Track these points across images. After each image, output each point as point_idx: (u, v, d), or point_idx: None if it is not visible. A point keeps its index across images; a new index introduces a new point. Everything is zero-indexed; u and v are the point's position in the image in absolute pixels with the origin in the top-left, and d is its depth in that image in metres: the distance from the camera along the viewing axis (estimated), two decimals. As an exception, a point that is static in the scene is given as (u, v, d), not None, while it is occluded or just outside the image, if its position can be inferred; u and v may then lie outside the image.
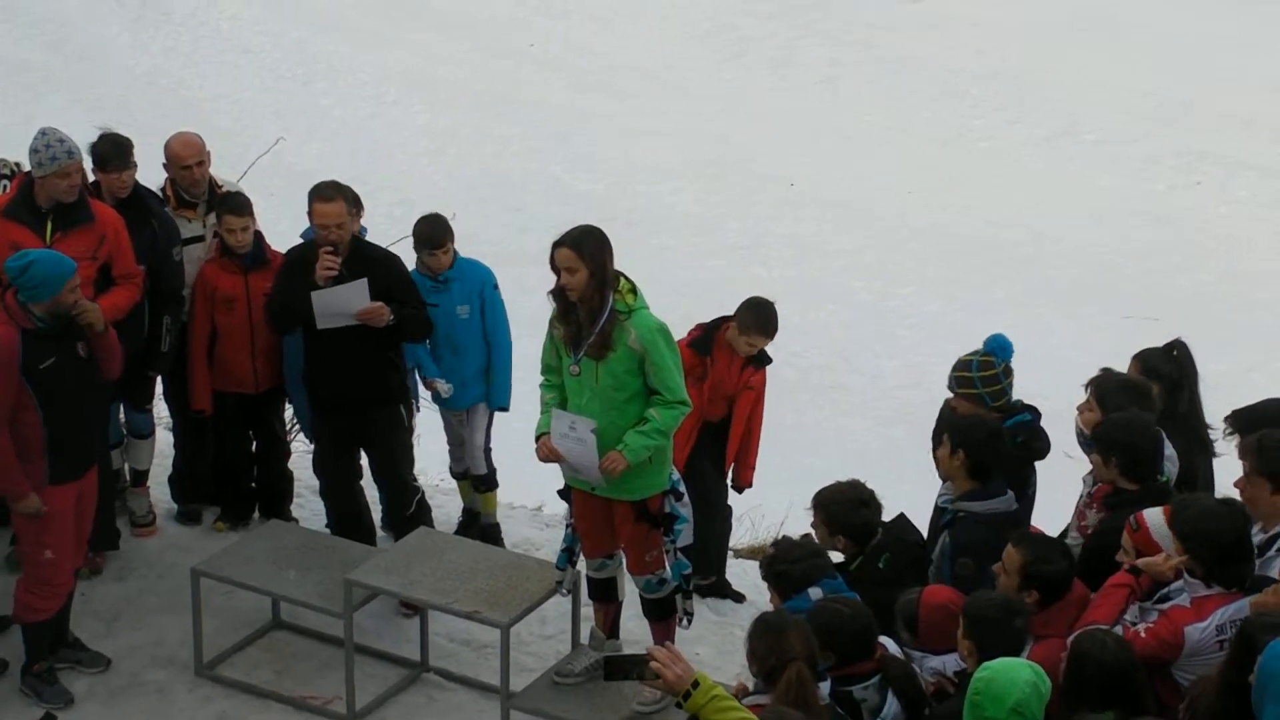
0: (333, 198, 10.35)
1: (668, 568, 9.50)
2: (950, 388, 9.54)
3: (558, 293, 9.21)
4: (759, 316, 10.75)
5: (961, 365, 9.51)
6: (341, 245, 10.37)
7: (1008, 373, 9.53)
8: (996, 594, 7.87)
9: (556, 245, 9.15)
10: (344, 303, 10.31)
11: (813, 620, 7.72)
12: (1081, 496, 8.87)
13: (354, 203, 10.82)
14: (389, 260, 10.63)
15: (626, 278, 9.20)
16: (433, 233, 11.00)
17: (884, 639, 7.96)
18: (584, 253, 9.08)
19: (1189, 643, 7.68)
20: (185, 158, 10.99)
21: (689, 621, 9.67)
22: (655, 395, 9.17)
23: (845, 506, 8.91)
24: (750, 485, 11.14)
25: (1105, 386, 9.01)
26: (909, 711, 7.68)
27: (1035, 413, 9.44)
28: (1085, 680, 7.20)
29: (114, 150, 10.60)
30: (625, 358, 9.10)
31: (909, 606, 8.12)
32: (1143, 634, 7.70)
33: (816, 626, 7.64)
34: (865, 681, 7.66)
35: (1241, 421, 8.80)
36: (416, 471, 11.27)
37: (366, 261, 10.44)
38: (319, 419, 10.82)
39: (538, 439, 9.35)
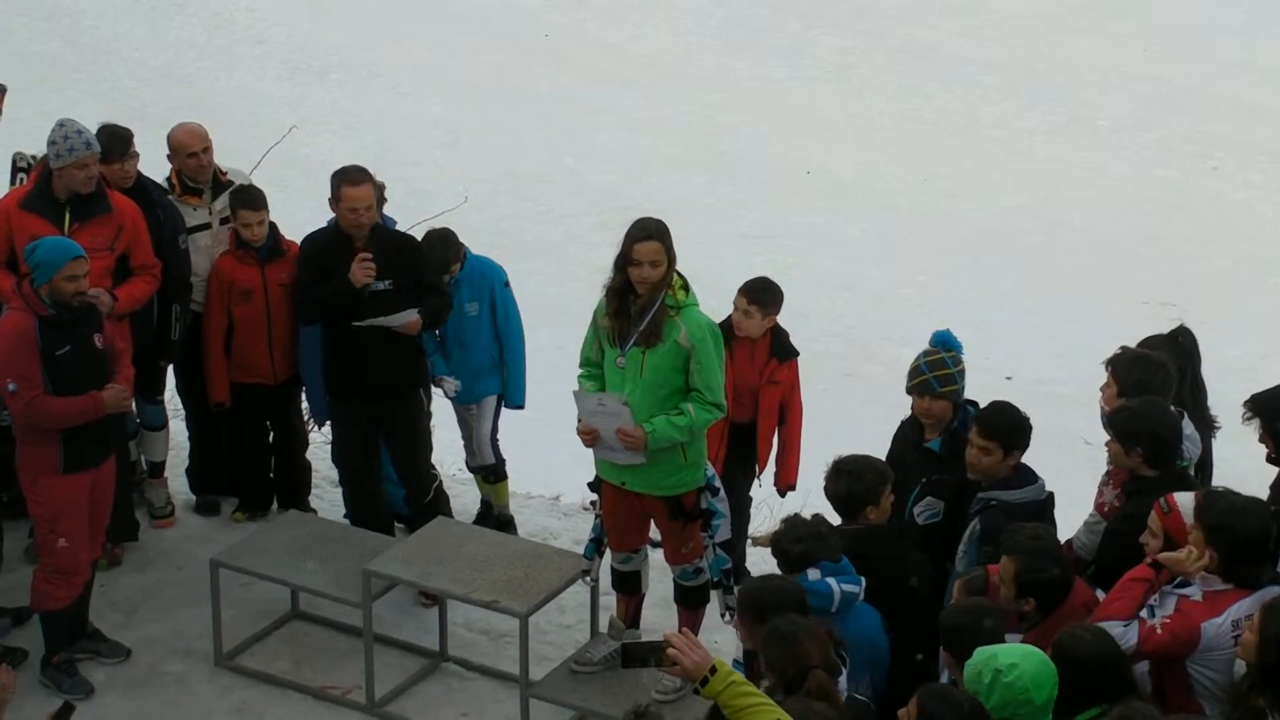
0: (360, 181, 10.36)
1: (704, 559, 9.50)
2: (927, 391, 9.31)
3: (619, 287, 9.12)
4: (754, 282, 10.56)
5: (935, 365, 9.35)
6: (366, 230, 10.39)
7: (964, 367, 9.51)
8: (962, 600, 7.90)
9: (643, 238, 9.02)
10: (390, 323, 10.38)
11: (746, 597, 7.95)
12: (1103, 476, 8.89)
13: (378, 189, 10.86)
14: (408, 244, 10.65)
15: (679, 273, 9.16)
16: (445, 259, 10.95)
17: None
18: (668, 245, 9.06)
19: (1205, 638, 7.68)
20: (191, 145, 11.03)
21: (732, 616, 9.65)
22: (695, 393, 9.16)
23: (829, 476, 8.96)
24: (793, 487, 10.89)
25: (1122, 362, 9.04)
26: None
27: (977, 407, 9.40)
28: (1072, 679, 7.17)
29: (114, 141, 10.62)
30: (672, 353, 9.07)
31: (976, 582, 8.12)
32: (1159, 630, 7.70)
33: (750, 602, 7.87)
34: None
35: (1260, 405, 8.81)
36: (435, 461, 11.29)
37: (390, 248, 10.45)
38: (337, 405, 10.82)
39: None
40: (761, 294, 10.53)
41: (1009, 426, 8.90)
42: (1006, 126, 22.32)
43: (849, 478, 8.94)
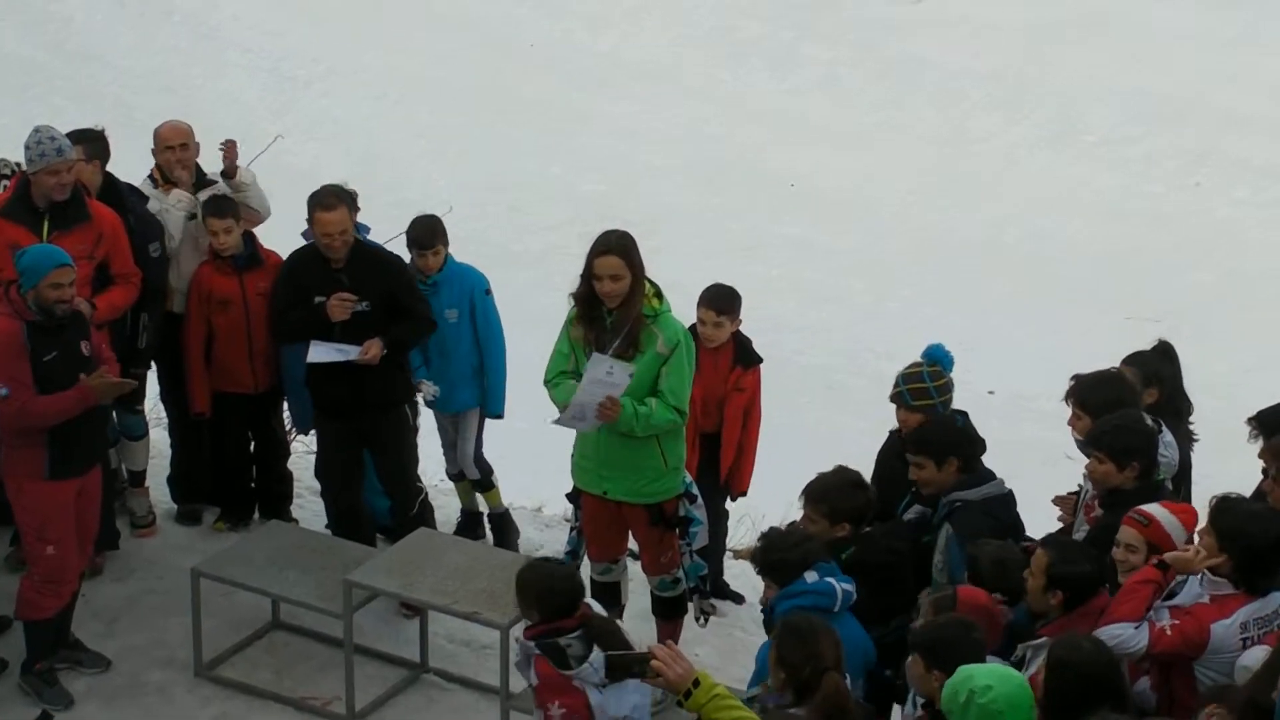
0: (334, 206, 10.32)
1: (682, 568, 9.53)
2: (901, 403, 9.47)
3: (585, 296, 9.17)
4: (717, 291, 10.54)
5: (912, 378, 9.49)
6: (342, 253, 10.36)
7: (952, 382, 9.57)
8: (940, 617, 7.89)
9: (601, 252, 9.11)
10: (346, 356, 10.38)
11: (525, 579, 8.14)
12: (1085, 492, 8.90)
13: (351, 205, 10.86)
14: (389, 263, 10.60)
15: (651, 281, 9.22)
16: (424, 235, 10.99)
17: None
18: (629, 258, 9.13)
19: (1214, 639, 7.73)
20: (169, 140, 11.09)
21: (706, 621, 9.72)
22: (659, 394, 9.20)
23: (842, 492, 8.93)
24: (744, 493, 10.92)
25: (1084, 390, 9.06)
26: (611, 664, 7.80)
27: (965, 416, 9.47)
28: (1066, 687, 7.18)
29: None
30: (654, 362, 9.17)
31: (944, 603, 8.13)
32: (1168, 631, 7.72)
33: (527, 585, 8.09)
34: (570, 634, 7.98)
35: (1266, 423, 8.84)
36: (419, 473, 11.25)
37: (370, 267, 10.42)
38: (323, 422, 10.80)
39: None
40: (724, 300, 10.53)
41: (933, 441, 9.02)
42: (994, 138, 22.33)
43: (868, 491, 9.00)
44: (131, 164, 11.18)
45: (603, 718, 8.00)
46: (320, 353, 10.39)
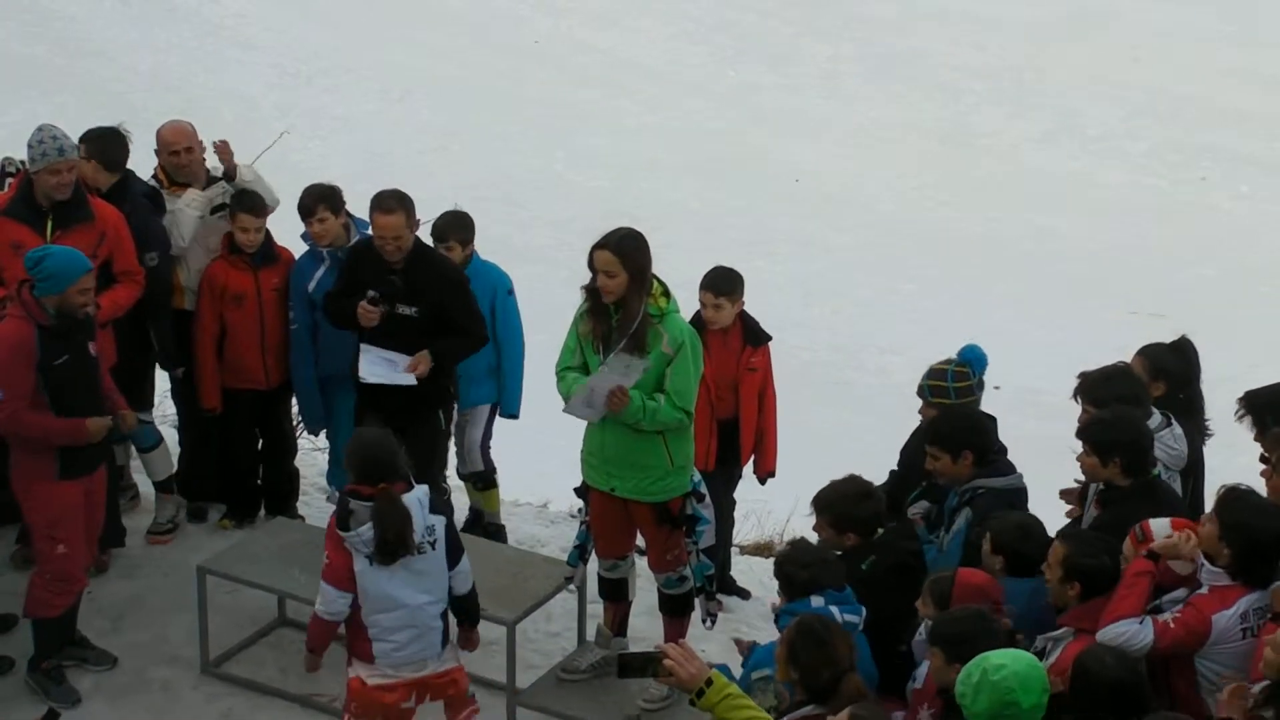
0: (393, 209, 10.22)
1: (689, 566, 9.52)
2: (922, 396, 9.56)
3: (592, 290, 9.17)
4: (715, 274, 10.56)
5: (936, 375, 9.57)
6: (397, 256, 10.33)
7: (981, 384, 9.59)
8: (956, 610, 7.89)
9: (598, 247, 9.11)
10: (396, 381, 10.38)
11: (353, 440, 8.81)
12: (1093, 488, 8.92)
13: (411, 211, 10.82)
14: (447, 275, 10.53)
15: (660, 280, 9.20)
16: (445, 229, 10.98)
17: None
18: (625, 257, 9.06)
19: (1216, 630, 7.76)
20: (173, 143, 11.06)
21: (713, 622, 9.70)
22: (666, 395, 9.20)
23: (849, 502, 8.93)
24: (773, 474, 10.87)
25: (1093, 386, 9.08)
26: (380, 545, 8.47)
27: (992, 420, 9.48)
28: (1090, 697, 7.23)
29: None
30: (659, 362, 9.12)
31: (942, 584, 8.15)
32: (1171, 624, 7.75)
33: (351, 445, 8.78)
34: (362, 500, 8.53)
35: (1254, 403, 8.84)
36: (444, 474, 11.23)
37: (424, 272, 10.38)
38: (361, 416, 10.78)
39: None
40: (724, 283, 10.53)
41: (948, 433, 9.04)
42: (996, 135, 22.36)
43: (875, 501, 9.01)
44: (135, 161, 11.17)
45: (362, 586, 8.60)
46: (371, 370, 10.31)
